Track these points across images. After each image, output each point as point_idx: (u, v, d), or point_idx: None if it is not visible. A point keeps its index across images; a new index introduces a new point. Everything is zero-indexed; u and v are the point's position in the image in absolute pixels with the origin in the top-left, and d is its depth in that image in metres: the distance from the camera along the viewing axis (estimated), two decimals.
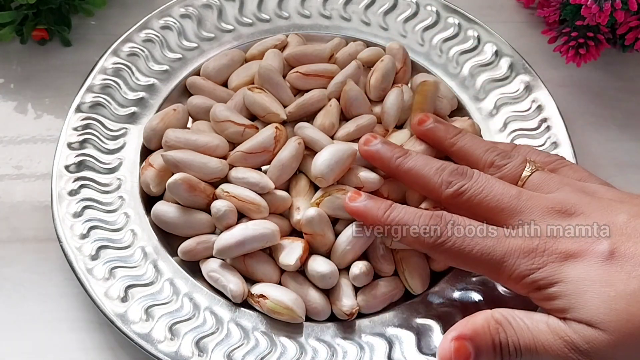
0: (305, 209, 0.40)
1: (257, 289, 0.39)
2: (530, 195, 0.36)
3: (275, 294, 0.38)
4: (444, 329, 0.38)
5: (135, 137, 0.45)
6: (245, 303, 0.39)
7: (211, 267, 0.40)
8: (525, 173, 0.38)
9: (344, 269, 0.40)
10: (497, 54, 0.49)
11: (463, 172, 0.37)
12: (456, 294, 0.40)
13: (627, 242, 0.33)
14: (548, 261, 0.33)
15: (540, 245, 0.34)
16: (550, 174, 0.38)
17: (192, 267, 0.41)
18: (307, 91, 0.45)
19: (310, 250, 0.40)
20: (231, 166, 0.42)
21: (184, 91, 0.47)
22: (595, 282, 0.32)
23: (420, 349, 0.38)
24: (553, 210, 0.35)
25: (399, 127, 0.45)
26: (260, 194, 0.40)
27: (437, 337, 0.38)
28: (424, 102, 0.44)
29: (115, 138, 0.45)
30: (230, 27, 0.50)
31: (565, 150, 0.45)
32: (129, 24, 0.49)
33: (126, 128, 0.45)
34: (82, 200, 0.42)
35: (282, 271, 0.40)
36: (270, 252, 0.40)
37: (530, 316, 0.33)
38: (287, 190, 0.42)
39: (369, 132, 0.44)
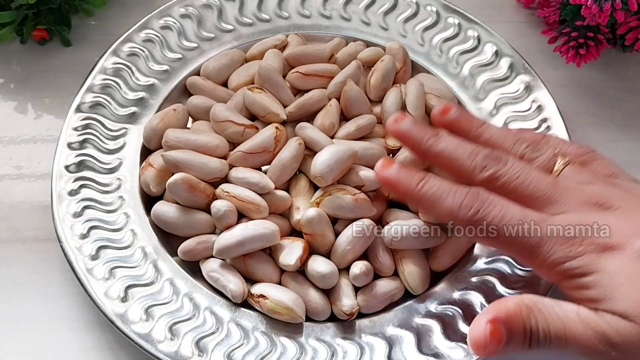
0: (305, 209, 0.40)
1: (257, 289, 0.39)
2: (566, 186, 0.36)
3: (275, 294, 0.38)
4: (444, 329, 0.38)
5: (135, 137, 0.45)
6: (245, 303, 0.39)
7: (211, 267, 0.40)
8: (557, 167, 0.37)
9: (344, 269, 0.40)
10: (497, 54, 0.49)
11: (497, 156, 0.36)
12: (456, 295, 0.40)
13: None
14: (586, 251, 0.33)
15: (578, 234, 0.34)
16: (582, 169, 0.37)
17: (192, 267, 0.41)
18: (307, 91, 0.45)
19: (310, 250, 0.40)
20: (231, 166, 0.42)
21: (184, 91, 0.47)
22: (632, 275, 0.32)
23: (420, 349, 0.38)
24: (589, 202, 0.35)
25: None
26: (260, 194, 0.40)
27: (437, 337, 0.38)
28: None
29: (115, 138, 0.45)
30: (230, 27, 0.50)
31: None
32: (129, 24, 0.49)
33: (126, 128, 0.45)
34: (82, 200, 0.42)
35: (282, 271, 0.40)
36: (270, 252, 0.40)
37: (560, 305, 0.33)
38: (287, 190, 0.42)
39: (369, 132, 0.44)
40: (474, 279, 0.40)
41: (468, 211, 0.34)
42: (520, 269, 0.40)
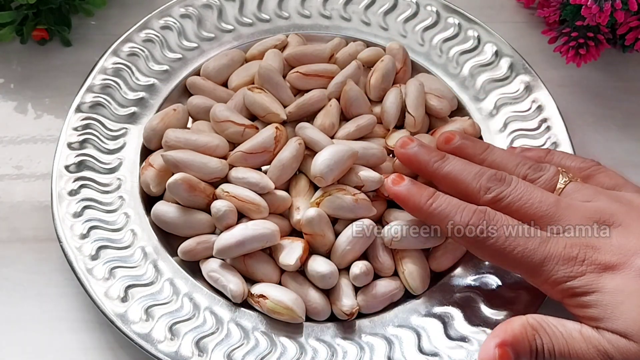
0: (305, 209, 0.40)
1: (257, 289, 0.39)
2: (568, 204, 0.36)
3: (275, 294, 0.38)
4: (444, 329, 0.38)
5: (135, 137, 0.45)
6: (245, 303, 0.39)
7: (211, 267, 0.40)
8: (559, 185, 0.38)
9: (344, 269, 0.40)
10: (497, 54, 0.49)
11: (502, 178, 0.37)
12: (456, 294, 0.40)
13: None
14: (587, 270, 0.34)
15: (580, 254, 0.34)
16: (585, 185, 0.38)
17: (192, 267, 0.41)
18: (307, 91, 0.45)
19: (310, 250, 0.40)
20: (231, 166, 0.42)
21: (184, 91, 0.47)
22: (632, 294, 0.33)
23: (420, 349, 0.38)
24: (591, 219, 0.36)
25: (399, 127, 0.45)
26: (260, 194, 0.40)
27: (437, 337, 0.38)
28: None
29: (115, 138, 0.45)
30: (230, 27, 0.50)
31: (565, 150, 0.44)
32: (129, 24, 0.49)
33: (126, 128, 0.45)
34: (82, 200, 0.42)
35: (282, 271, 0.40)
36: (270, 252, 0.40)
37: (563, 323, 0.34)
38: (287, 190, 0.42)
39: (369, 132, 0.44)
40: (474, 279, 0.40)
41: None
42: None
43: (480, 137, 0.45)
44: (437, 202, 0.37)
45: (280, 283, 0.40)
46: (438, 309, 0.39)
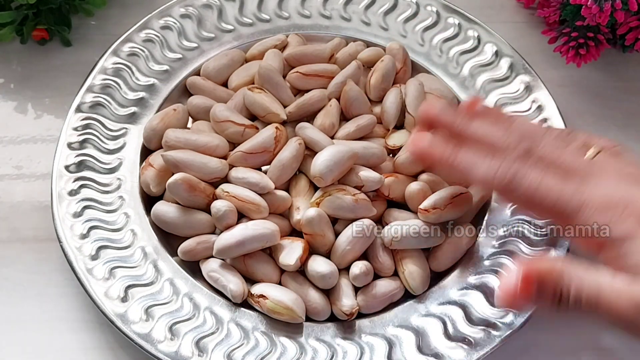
0: (305, 209, 0.40)
1: (257, 289, 0.39)
2: (601, 166, 0.35)
3: (275, 294, 0.38)
4: (444, 329, 0.38)
5: (135, 137, 0.45)
6: (245, 303, 0.39)
7: (211, 267, 0.40)
8: (589, 154, 0.36)
9: (344, 269, 0.40)
10: (497, 54, 0.49)
11: (531, 135, 0.36)
12: (456, 294, 0.40)
13: None
14: (626, 219, 0.32)
15: (621, 202, 0.33)
16: (615, 156, 0.36)
17: (192, 267, 0.41)
18: (307, 91, 0.45)
19: (310, 250, 0.40)
20: (231, 166, 0.42)
21: (184, 91, 0.47)
22: None
23: (420, 349, 0.38)
24: (630, 177, 0.34)
25: (399, 127, 0.45)
26: (260, 194, 0.40)
27: (437, 337, 0.38)
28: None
29: (115, 138, 0.45)
30: (230, 27, 0.50)
31: None
32: (129, 24, 0.49)
33: (126, 128, 0.45)
34: (82, 200, 0.42)
35: (282, 271, 0.40)
36: (270, 252, 0.40)
37: (594, 269, 0.32)
38: (287, 190, 0.42)
39: (369, 132, 0.44)
40: (474, 279, 0.40)
41: (504, 177, 0.34)
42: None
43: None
44: (463, 152, 0.36)
45: (280, 283, 0.40)
46: (438, 309, 0.39)
